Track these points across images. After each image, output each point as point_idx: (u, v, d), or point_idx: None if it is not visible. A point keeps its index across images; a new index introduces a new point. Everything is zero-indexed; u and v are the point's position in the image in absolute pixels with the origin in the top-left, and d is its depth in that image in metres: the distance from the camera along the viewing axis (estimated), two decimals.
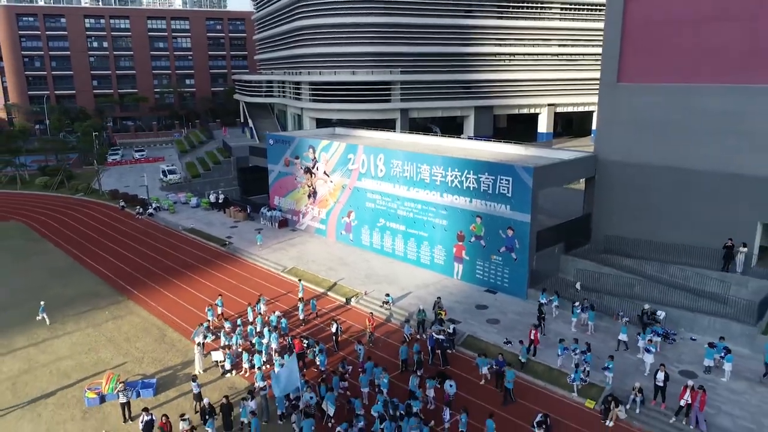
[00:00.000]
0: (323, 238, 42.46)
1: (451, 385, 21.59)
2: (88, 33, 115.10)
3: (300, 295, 30.43)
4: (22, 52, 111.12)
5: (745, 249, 27.32)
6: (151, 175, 69.28)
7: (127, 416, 20.98)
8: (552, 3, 69.21)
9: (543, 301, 27.36)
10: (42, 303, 29.52)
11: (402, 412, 19.79)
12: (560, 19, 69.84)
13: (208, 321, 27.99)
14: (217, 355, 24.53)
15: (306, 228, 44.32)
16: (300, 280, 32.47)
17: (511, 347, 24.96)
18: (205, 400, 20.28)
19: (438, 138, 45.15)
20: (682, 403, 19.89)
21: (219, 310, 28.89)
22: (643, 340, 23.76)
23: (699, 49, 28.69)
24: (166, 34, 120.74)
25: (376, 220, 37.94)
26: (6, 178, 65.09)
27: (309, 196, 43.30)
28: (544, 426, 20.01)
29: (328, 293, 32.42)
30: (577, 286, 28.99)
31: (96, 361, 25.71)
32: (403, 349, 24.40)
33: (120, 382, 21.60)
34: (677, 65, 29.55)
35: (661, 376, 20.76)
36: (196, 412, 20.95)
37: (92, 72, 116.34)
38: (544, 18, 69.33)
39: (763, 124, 27.11)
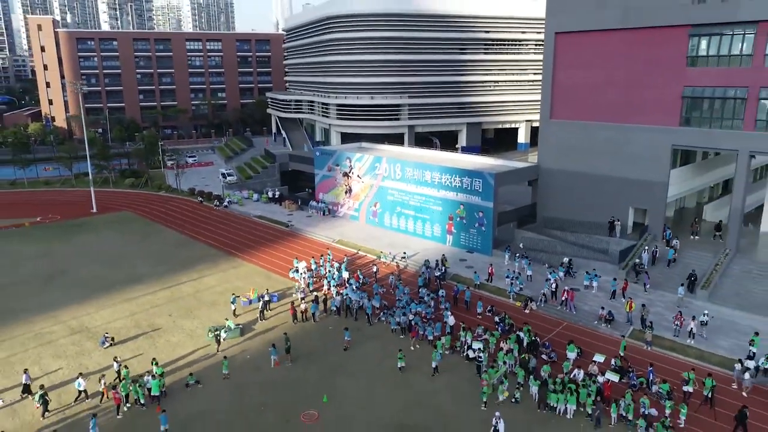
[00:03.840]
0: (356, 222, 60.55)
1: (441, 294, 39.69)
2: (135, 54, 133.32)
3: (330, 257, 48.01)
4: (81, 71, 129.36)
5: (619, 222, 45.50)
6: (209, 177, 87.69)
7: (267, 309, 38.95)
8: (528, 40, 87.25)
9: (507, 255, 45.41)
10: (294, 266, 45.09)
11: (415, 302, 37.84)
12: (534, 52, 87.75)
13: (296, 268, 45.69)
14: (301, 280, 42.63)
15: (343, 215, 62.41)
16: (328, 249, 49.84)
17: (480, 280, 42.92)
18: (313, 295, 38.46)
19: (437, 151, 63.26)
20: (563, 298, 37.97)
21: (312, 265, 46.13)
22: (551, 271, 41.84)
23: (596, 101, 46.74)
24: (201, 54, 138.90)
25: (395, 208, 56.04)
26: (101, 180, 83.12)
27: (346, 193, 61.39)
28: (491, 311, 38.13)
29: (367, 254, 50.46)
30: (521, 245, 47.12)
31: (234, 287, 43.55)
32: (419, 279, 42.50)
33: (266, 290, 39.77)
34: (584, 110, 47.60)
35: (554, 285, 38.94)
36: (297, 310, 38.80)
37: (139, 87, 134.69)
38: (521, 52, 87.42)
39: (634, 148, 44.93)
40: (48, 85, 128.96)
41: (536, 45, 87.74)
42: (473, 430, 26.17)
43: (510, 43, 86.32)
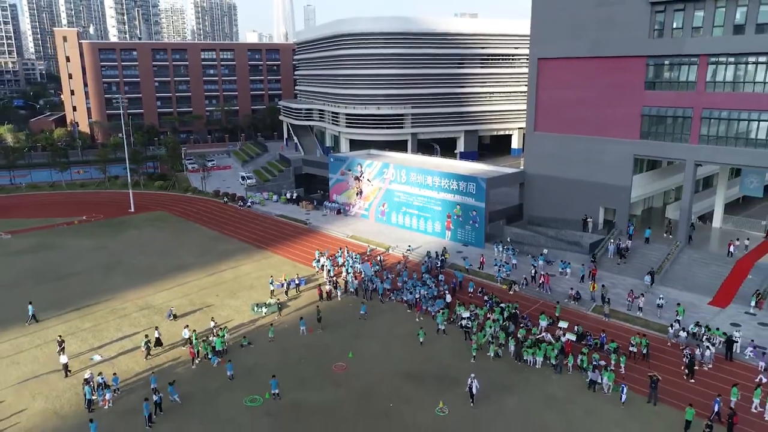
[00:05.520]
0: (366, 220, 68.91)
1: (441, 278, 48.02)
2: (154, 63, 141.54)
3: (345, 251, 56.12)
4: (103, 80, 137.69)
5: (591, 219, 53.89)
6: (229, 180, 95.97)
7: (297, 292, 47.31)
8: (520, 55, 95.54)
9: (499, 249, 53.62)
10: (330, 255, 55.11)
11: (419, 284, 46.18)
12: (526, 66, 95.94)
13: (318, 259, 53.98)
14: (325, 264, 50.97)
15: (354, 214, 70.76)
16: (342, 247, 58.43)
17: (470, 266, 51.23)
18: (334, 279, 46.85)
19: (437, 158, 71.58)
20: (541, 281, 46.30)
21: (330, 255, 54.56)
22: (533, 260, 50.15)
23: (572, 117, 55.05)
24: (215, 62, 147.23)
25: (401, 207, 64.38)
26: (132, 182, 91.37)
27: (357, 194, 69.75)
28: (481, 292, 46.42)
29: (376, 247, 58.81)
30: (508, 239, 55.50)
31: (267, 273, 51.85)
32: (423, 267, 50.83)
33: (296, 275, 48.13)
34: (563, 124, 55.92)
35: (534, 270, 47.30)
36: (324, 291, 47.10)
37: (156, 95, 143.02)
38: (514, 66, 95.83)
39: (603, 157, 53.15)
40: (72, 92, 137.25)
41: (528, 59, 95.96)
42: (464, 375, 34.39)
43: (504, 57, 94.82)
